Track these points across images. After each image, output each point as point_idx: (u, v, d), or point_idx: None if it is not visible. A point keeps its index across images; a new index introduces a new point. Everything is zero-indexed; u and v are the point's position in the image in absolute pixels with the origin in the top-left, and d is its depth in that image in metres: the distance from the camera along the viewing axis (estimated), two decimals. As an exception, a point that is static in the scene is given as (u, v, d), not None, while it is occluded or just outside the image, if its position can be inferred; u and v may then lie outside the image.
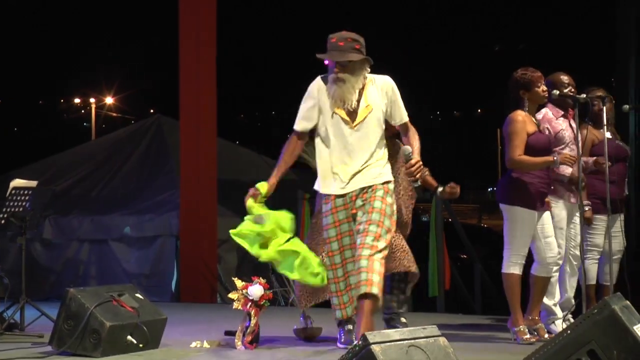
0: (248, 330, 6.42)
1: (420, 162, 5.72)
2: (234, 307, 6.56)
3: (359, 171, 5.86)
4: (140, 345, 6.48)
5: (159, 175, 11.54)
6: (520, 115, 6.73)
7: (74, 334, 6.32)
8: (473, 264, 10.85)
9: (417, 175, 5.69)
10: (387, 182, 5.94)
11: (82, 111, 32.22)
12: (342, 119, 5.84)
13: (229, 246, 10.30)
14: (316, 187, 6.07)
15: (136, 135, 12.64)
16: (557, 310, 7.10)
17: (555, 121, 7.06)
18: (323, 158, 5.95)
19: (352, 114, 5.84)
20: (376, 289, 5.64)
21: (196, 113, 10.50)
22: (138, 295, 6.81)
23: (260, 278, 6.58)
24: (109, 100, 31.65)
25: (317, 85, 5.91)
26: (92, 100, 31.21)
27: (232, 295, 6.59)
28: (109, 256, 10.72)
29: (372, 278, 5.64)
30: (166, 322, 6.83)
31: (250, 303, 6.43)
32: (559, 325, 6.96)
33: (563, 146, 7.01)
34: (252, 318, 6.42)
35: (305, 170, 7.50)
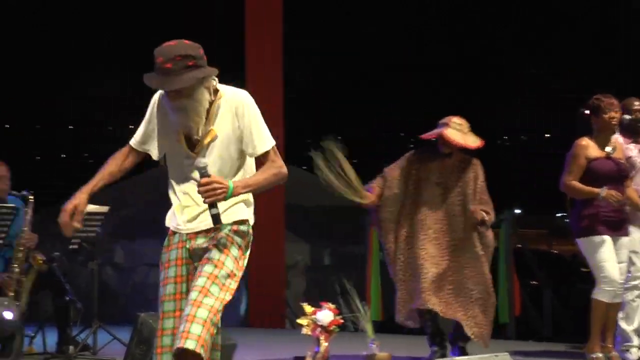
0: (317, 356, 6.41)
1: (215, 186, 4.09)
2: (302, 332, 6.55)
3: (203, 211, 4.36)
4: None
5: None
6: (583, 140, 6.70)
7: (146, 359, 6.37)
8: (543, 290, 10.73)
9: (206, 200, 4.13)
10: (239, 223, 4.49)
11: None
12: (180, 145, 4.35)
13: (297, 271, 10.32)
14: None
15: (204, 161, 12.74)
16: (634, 337, 6.97)
17: (626, 147, 6.99)
18: (168, 184, 4.64)
19: (192, 140, 4.31)
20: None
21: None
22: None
23: (329, 303, 6.57)
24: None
25: (156, 101, 4.40)
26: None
27: (301, 321, 6.59)
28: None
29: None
30: (236, 347, 6.84)
31: (319, 328, 6.42)
32: (634, 354, 6.85)
33: (634, 172, 6.95)
34: (321, 344, 6.41)
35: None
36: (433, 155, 7.19)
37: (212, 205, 4.14)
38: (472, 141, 7.03)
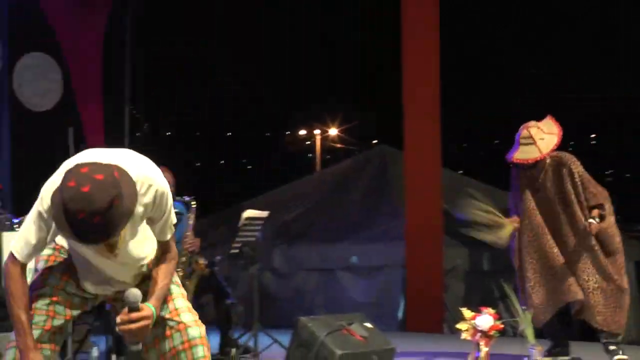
0: (478, 361, 6.34)
1: (143, 323, 3.58)
2: (462, 337, 6.50)
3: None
4: (371, 374, 6.51)
5: (383, 205, 11.61)
6: None
7: (306, 362, 6.43)
8: None
9: (131, 339, 3.60)
10: None
11: (307, 143, 32.96)
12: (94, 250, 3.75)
13: (456, 276, 10.25)
14: None
15: (361, 165, 12.79)
16: None
17: None
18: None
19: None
20: None
21: (420, 144, 10.51)
22: (367, 324, 6.86)
23: (489, 308, 6.49)
24: (333, 131, 32.24)
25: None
26: (316, 132, 31.89)
27: (460, 326, 6.53)
28: (336, 285, 10.86)
29: None
30: (395, 351, 6.84)
31: (479, 333, 6.36)
32: None
33: None
34: (481, 349, 6.34)
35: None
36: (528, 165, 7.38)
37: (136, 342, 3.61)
38: (547, 143, 7.21)
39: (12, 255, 3.68)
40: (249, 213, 7.96)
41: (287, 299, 11.01)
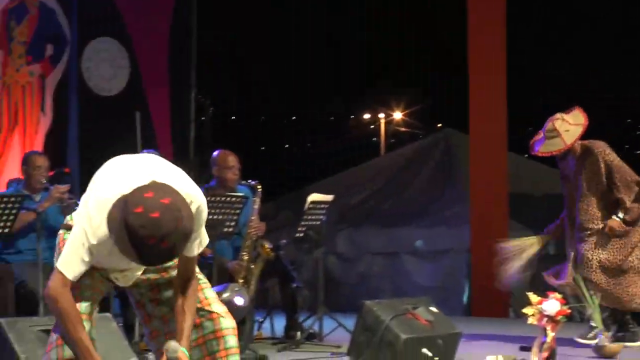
0: (545, 347, 6.29)
1: None
2: (528, 322, 6.45)
3: None
4: (435, 359, 6.50)
5: (449, 189, 11.58)
6: None
7: (371, 346, 6.43)
8: None
9: None
10: None
11: (371, 127, 32.92)
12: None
13: (522, 260, 10.17)
14: None
15: (426, 150, 12.74)
16: None
17: None
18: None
19: None
20: None
21: (486, 127, 10.44)
22: (432, 308, 6.84)
23: (556, 293, 6.44)
24: (398, 115, 32.15)
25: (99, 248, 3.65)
26: (381, 115, 31.83)
27: (526, 310, 6.49)
28: (401, 269, 10.86)
29: None
30: (461, 336, 6.82)
31: (545, 318, 6.31)
32: None
33: None
34: (548, 334, 6.29)
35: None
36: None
37: None
38: (572, 134, 7.33)
39: (60, 275, 3.60)
40: (314, 197, 7.98)
41: (351, 283, 11.04)
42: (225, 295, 6.14)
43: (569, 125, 7.33)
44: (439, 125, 21.42)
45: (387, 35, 22.88)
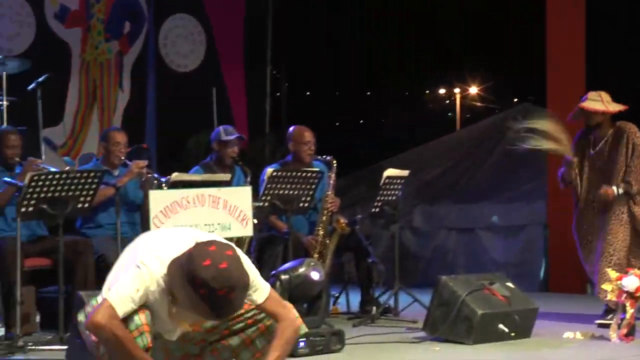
0: (623, 323, 6.23)
1: None
2: (607, 298, 6.39)
3: None
4: (512, 334, 6.48)
5: (525, 164, 11.45)
6: None
7: (447, 321, 6.43)
8: None
9: None
10: None
11: (447, 101, 32.74)
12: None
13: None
14: None
15: (503, 124, 12.62)
16: None
17: None
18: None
19: None
20: None
21: (564, 101, 10.30)
22: (509, 284, 6.81)
23: (636, 269, 6.37)
24: (473, 90, 31.90)
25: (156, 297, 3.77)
26: (456, 90, 31.62)
27: (605, 286, 6.43)
28: (477, 245, 10.79)
29: None
30: (537, 312, 6.78)
31: (625, 294, 6.24)
32: None
33: None
34: (627, 310, 6.22)
35: None
36: (587, 130, 7.56)
37: None
38: (613, 107, 7.33)
39: (111, 309, 3.65)
40: (389, 172, 7.97)
41: (427, 258, 11.01)
42: (301, 270, 6.17)
43: (611, 103, 7.40)
44: (515, 100, 21.20)
45: (464, 8, 22.68)
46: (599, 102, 7.34)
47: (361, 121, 29.97)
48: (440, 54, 25.81)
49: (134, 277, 3.69)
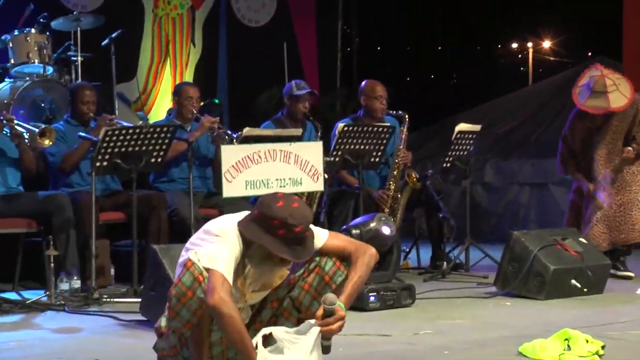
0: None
1: (341, 324, 3.73)
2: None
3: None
4: (585, 290, 6.44)
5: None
6: None
7: (518, 276, 6.42)
8: None
9: (330, 335, 3.74)
10: None
11: (519, 56, 32.34)
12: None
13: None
14: None
15: (576, 79, 12.45)
16: None
17: None
18: None
19: None
20: None
21: (639, 57, 10.16)
22: (582, 239, 6.76)
23: None
24: (546, 44, 31.48)
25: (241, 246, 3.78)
26: (529, 44, 31.22)
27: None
28: (549, 200, 10.70)
29: None
30: (610, 267, 6.73)
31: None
32: None
33: None
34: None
35: None
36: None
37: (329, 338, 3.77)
38: (615, 102, 7.37)
39: (227, 282, 3.62)
40: (461, 127, 7.93)
41: (498, 213, 10.95)
42: (372, 224, 6.18)
43: (619, 86, 7.46)
44: (589, 54, 20.88)
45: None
46: (601, 99, 7.41)
47: (432, 76, 29.77)
48: (513, 7, 25.48)
49: (223, 245, 3.70)
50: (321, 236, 3.87)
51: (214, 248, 3.68)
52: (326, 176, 7.06)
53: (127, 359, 4.70)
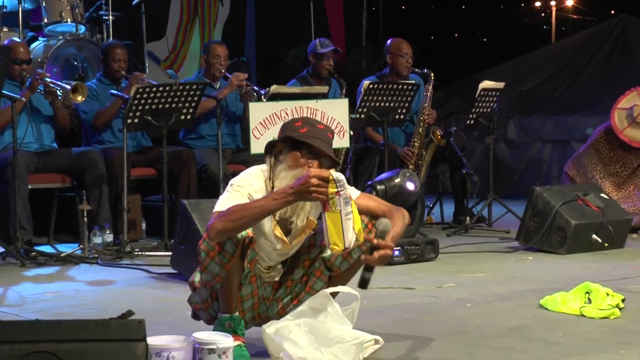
0: None
1: (390, 253, 3.70)
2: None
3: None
4: (605, 245, 6.53)
5: (623, 76, 11.33)
6: None
7: (540, 231, 6.51)
8: None
9: (377, 264, 3.73)
10: None
11: (542, 14, 32.12)
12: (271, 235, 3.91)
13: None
14: None
15: (599, 37, 12.46)
16: None
17: None
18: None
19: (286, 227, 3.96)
20: None
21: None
22: (603, 195, 6.85)
23: None
24: (569, 2, 31.25)
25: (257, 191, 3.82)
26: (552, 2, 30.99)
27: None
28: (571, 156, 10.77)
29: None
30: (631, 222, 6.82)
31: None
32: None
33: None
34: None
35: None
36: None
37: (372, 269, 3.75)
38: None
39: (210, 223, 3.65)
40: (485, 84, 8.00)
41: (521, 169, 11.04)
42: (397, 180, 6.29)
43: None
44: (612, 11, 20.77)
45: None
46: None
47: (456, 35, 29.65)
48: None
49: (231, 196, 3.73)
50: (353, 192, 3.88)
51: (224, 197, 3.75)
52: (352, 133, 7.15)
53: (158, 310, 4.77)
